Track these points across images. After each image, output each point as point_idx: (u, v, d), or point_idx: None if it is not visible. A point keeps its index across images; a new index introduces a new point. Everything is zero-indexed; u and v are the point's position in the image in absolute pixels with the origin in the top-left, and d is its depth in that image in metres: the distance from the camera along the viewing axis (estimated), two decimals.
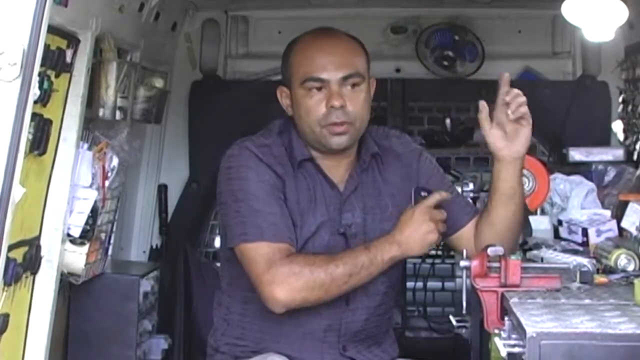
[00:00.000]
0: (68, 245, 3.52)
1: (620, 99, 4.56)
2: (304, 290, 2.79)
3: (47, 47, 2.88)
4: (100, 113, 3.72)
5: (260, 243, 2.83)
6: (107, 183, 3.70)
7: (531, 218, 3.84)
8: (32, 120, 2.66)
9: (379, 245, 2.87)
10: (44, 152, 3.11)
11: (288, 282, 2.78)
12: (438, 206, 3.01)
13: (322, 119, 2.90)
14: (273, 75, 5.09)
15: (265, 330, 2.98)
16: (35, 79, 2.39)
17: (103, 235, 3.84)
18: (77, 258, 3.60)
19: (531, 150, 5.01)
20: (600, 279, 2.93)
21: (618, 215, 3.68)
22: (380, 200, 3.02)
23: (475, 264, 2.73)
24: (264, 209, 2.86)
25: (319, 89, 2.90)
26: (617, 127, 4.49)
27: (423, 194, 2.93)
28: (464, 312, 2.85)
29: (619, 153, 4.36)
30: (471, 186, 4.03)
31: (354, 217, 2.98)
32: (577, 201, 3.90)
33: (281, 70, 3.05)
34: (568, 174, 4.08)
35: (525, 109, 2.88)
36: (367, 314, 3.01)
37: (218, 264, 4.11)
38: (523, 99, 2.88)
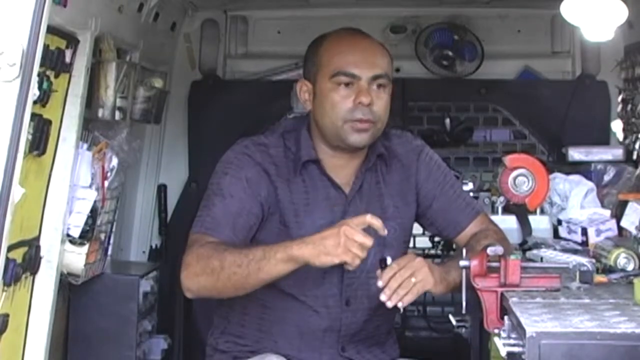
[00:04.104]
0: (67, 245, 3.52)
1: (620, 99, 4.56)
2: (201, 275, 2.75)
3: (46, 47, 2.88)
4: (100, 113, 3.72)
5: (197, 235, 2.85)
6: (106, 183, 3.70)
7: (531, 218, 3.84)
8: (31, 120, 2.65)
9: (282, 243, 2.69)
10: (43, 153, 3.11)
11: (191, 266, 2.78)
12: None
13: (347, 114, 2.89)
14: (272, 75, 5.10)
15: (265, 329, 2.98)
16: (34, 79, 2.39)
17: (102, 236, 3.84)
18: (77, 258, 3.60)
19: (531, 150, 5.05)
20: (600, 278, 2.93)
21: (617, 214, 3.68)
22: (381, 202, 3.02)
23: (474, 263, 2.73)
24: (218, 205, 2.88)
25: (348, 84, 2.90)
26: (617, 126, 4.48)
27: (382, 266, 2.75)
28: (463, 311, 2.84)
29: (618, 152, 4.35)
30: (470, 186, 4.04)
31: None
32: (577, 201, 3.90)
33: (304, 64, 3.03)
34: (567, 173, 4.08)
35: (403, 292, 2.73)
36: (368, 315, 3.00)
37: None
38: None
